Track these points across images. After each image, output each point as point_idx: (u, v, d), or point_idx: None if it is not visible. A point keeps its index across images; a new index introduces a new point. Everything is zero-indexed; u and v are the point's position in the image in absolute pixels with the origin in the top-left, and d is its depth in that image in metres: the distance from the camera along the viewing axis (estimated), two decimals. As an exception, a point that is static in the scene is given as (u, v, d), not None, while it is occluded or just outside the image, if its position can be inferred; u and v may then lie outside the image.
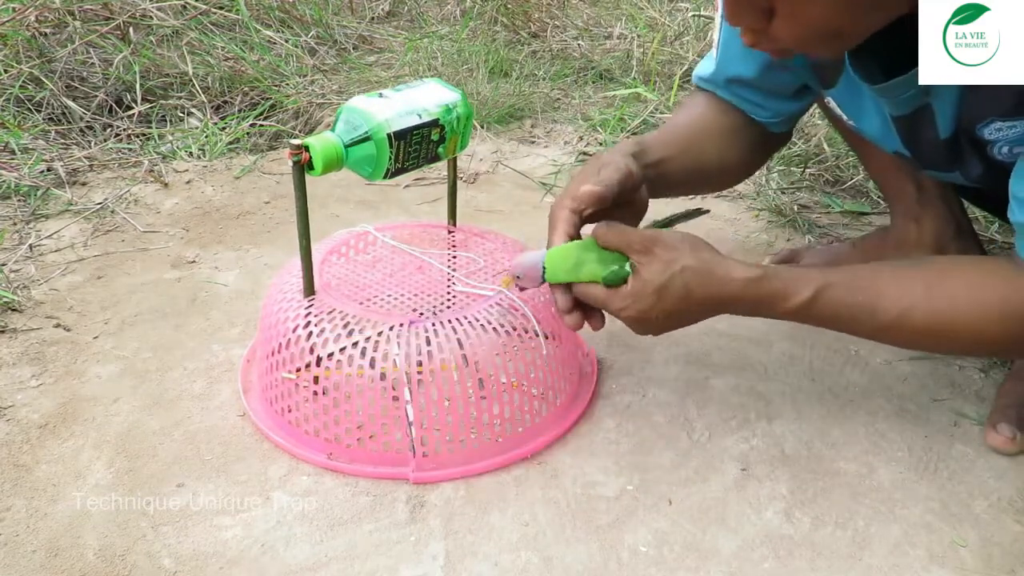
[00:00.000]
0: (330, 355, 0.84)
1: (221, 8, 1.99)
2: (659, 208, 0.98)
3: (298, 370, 0.87)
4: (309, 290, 0.88)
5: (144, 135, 1.62)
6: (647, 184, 0.89)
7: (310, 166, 0.79)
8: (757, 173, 1.50)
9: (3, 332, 1.06)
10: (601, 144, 1.67)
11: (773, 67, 0.95)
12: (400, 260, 1.02)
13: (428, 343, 0.83)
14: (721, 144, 1.00)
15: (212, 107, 1.74)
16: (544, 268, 0.82)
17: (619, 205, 0.85)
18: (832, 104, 0.93)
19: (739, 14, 0.71)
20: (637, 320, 0.80)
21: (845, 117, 0.94)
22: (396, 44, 2.17)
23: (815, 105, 1.10)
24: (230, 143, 1.61)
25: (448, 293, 0.99)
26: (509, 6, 2.26)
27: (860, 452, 0.90)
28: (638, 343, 1.06)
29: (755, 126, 1.02)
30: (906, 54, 0.75)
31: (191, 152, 1.57)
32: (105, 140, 1.60)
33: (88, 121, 1.63)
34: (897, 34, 0.72)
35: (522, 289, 0.87)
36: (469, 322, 0.85)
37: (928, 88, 0.78)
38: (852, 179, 1.46)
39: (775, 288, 0.78)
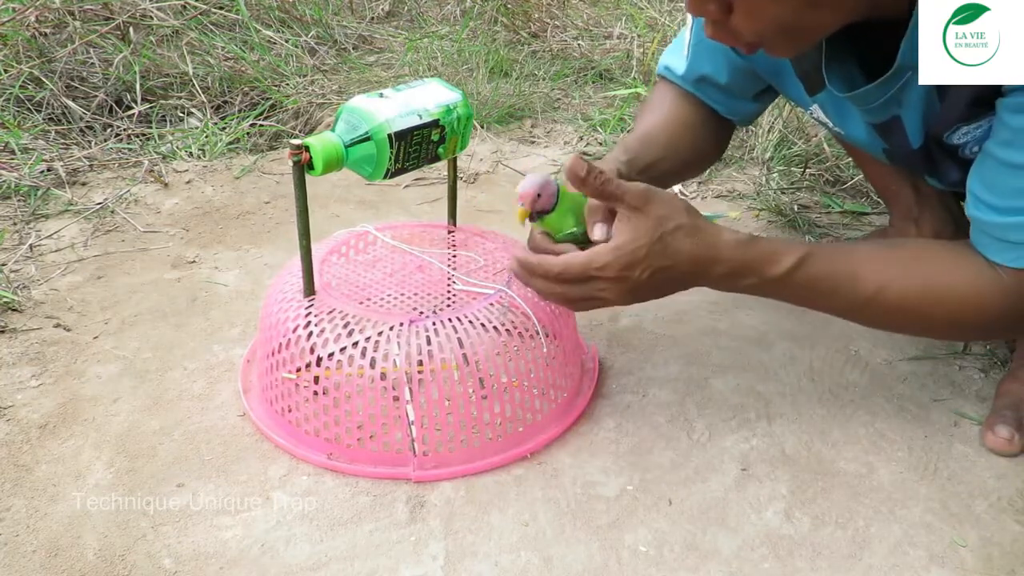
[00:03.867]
0: (330, 355, 0.84)
1: (221, 8, 1.99)
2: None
3: (298, 370, 0.87)
4: (309, 290, 0.88)
5: (144, 135, 1.62)
6: None
7: (310, 166, 0.79)
8: (757, 172, 1.51)
9: (3, 332, 1.06)
10: (601, 144, 1.67)
11: (740, 71, 0.98)
12: (400, 260, 1.02)
13: (428, 342, 0.83)
14: (694, 136, 1.02)
15: (212, 107, 1.74)
16: (558, 185, 0.81)
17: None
18: (818, 113, 0.95)
19: (699, 6, 0.73)
20: (619, 279, 0.76)
21: (831, 124, 0.96)
22: (396, 44, 2.17)
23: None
24: (230, 143, 1.61)
25: (448, 292, 0.99)
26: (509, 6, 2.26)
27: (860, 452, 0.90)
28: (638, 343, 1.06)
29: (719, 117, 1.04)
30: (876, 63, 0.79)
31: (191, 152, 1.57)
32: (105, 140, 1.60)
33: (88, 121, 1.63)
34: (868, 42, 0.73)
35: (538, 213, 0.82)
36: (469, 321, 0.85)
37: (896, 99, 0.80)
38: (852, 179, 1.46)
39: (762, 251, 0.78)
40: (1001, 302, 0.75)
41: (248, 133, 1.65)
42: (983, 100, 0.73)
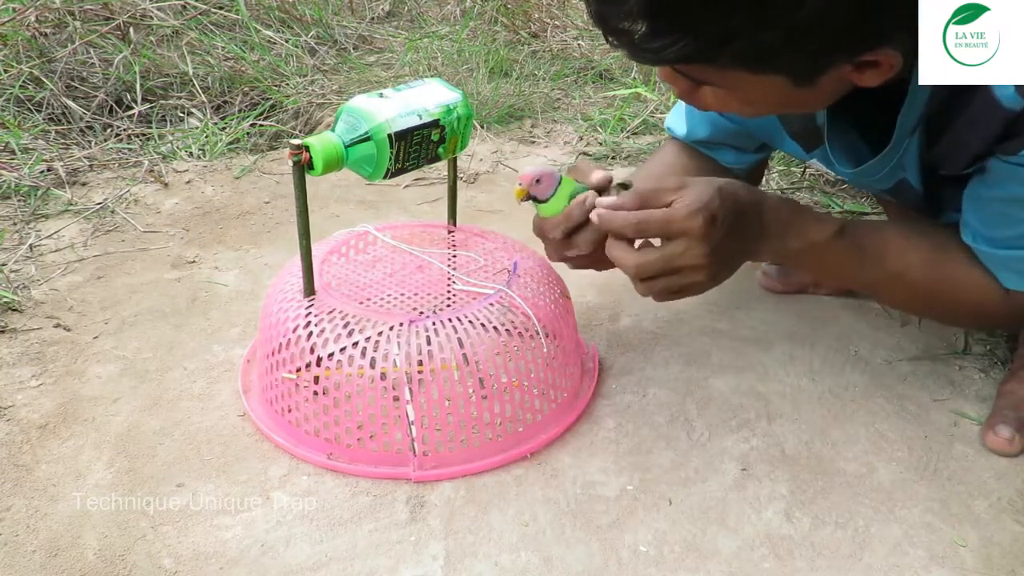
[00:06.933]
0: (330, 355, 0.84)
1: (221, 8, 1.99)
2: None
3: (298, 370, 0.87)
4: (309, 290, 0.88)
5: (144, 135, 1.62)
6: None
7: (310, 166, 0.79)
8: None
9: (3, 332, 1.06)
10: (601, 144, 1.67)
11: (735, 133, 1.03)
12: (400, 260, 1.02)
13: (428, 342, 0.83)
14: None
15: (212, 107, 1.73)
16: (561, 178, 0.82)
17: None
18: (818, 164, 0.98)
19: (670, 80, 0.76)
20: (701, 233, 0.73)
21: (833, 175, 0.99)
22: (396, 44, 2.17)
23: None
24: (230, 143, 1.61)
25: (448, 292, 0.98)
26: (509, 6, 2.26)
27: (860, 452, 0.90)
28: (638, 343, 1.06)
29: (728, 170, 1.08)
30: (873, 141, 0.84)
31: (191, 152, 1.57)
32: (105, 140, 1.60)
33: (88, 121, 1.63)
34: (868, 119, 0.80)
35: (531, 198, 0.83)
36: (469, 321, 0.85)
37: (900, 164, 0.84)
38: (852, 179, 1.46)
39: (808, 210, 0.83)
40: (1003, 309, 0.83)
41: (248, 133, 1.65)
42: (979, 158, 0.77)
